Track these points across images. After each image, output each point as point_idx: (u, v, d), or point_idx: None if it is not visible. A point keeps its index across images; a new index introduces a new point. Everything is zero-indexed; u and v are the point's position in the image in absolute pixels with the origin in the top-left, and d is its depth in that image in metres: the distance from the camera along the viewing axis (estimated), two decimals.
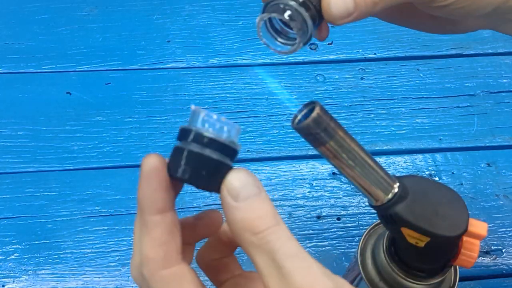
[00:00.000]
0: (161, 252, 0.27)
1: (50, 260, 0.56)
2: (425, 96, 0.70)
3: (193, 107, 0.28)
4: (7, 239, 0.57)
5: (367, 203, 0.36)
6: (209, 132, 0.27)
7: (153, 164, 0.28)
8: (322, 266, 0.26)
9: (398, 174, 0.35)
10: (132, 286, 0.55)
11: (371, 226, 0.43)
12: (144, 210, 0.27)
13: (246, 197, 0.26)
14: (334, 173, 0.63)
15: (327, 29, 0.37)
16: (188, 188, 0.33)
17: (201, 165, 0.27)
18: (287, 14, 0.31)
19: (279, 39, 0.34)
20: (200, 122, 0.27)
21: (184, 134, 0.28)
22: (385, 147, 0.65)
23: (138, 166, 0.29)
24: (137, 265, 0.28)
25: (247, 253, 0.26)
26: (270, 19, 0.33)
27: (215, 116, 0.28)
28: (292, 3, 0.31)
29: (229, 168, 0.27)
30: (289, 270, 0.25)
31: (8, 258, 0.56)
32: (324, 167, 0.63)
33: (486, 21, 0.39)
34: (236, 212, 0.26)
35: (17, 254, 0.56)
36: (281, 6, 0.31)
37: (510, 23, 0.38)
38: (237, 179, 0.26)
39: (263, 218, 0.26)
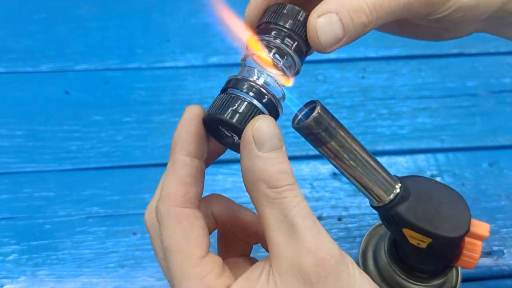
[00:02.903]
0: (182, 191, 0.27)
1: (49, 261, 0.56)
2: (426, 96, 0.69)
3: (243, 62, 0.29)
4: (5, 239, 0.57)
5: (368, 204, 0.35)
6: (257, 84, 0.28)
7: (195, 111, 0.29)
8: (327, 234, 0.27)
9: (399, 175, 0.35)
10: None
11: (372, 227, 0.43)
12: (176, 149, 0.28)
13: (271, 149, 0.26)
14: (335, 174, 0.62)
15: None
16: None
17: (246, 111, 0.27)
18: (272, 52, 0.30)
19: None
20: (252, 75, 0.28)
21: (230, 83, 0.29)
22: (386, 147, 0.65)
23: (137, 166, 0.29)
24: (154, 205, 0.28)
25: (256, 204, 0.26)
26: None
27: (270, 73, 0.28)
28: (276, 41, 0.30)
29: None
30: (300, 229, 0.25)
31: (6, 259, 0.56)
32: (325, 168, 0.63)
33: (484, 26, 0.38)
34: (258, 161, 0.26)
35: (15, 255, 0.56)
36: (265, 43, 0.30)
37: (508, 27, 0.37)
38: (266, 127, 0.26)
39: (283, 174, 0.26)
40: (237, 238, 0.34)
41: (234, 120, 0.27)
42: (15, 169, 0.62)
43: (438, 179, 0.62)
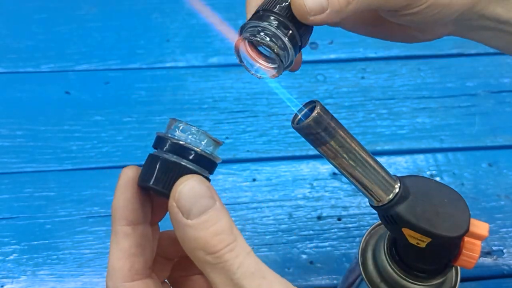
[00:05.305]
0: (128, 264, 0.26)
1: (49, 261, 0.56)
2: (426, 96, 0.70)
3: (171, 119, 0.27)
4: (5, 239, 0.57)
5: (368, 204, 0.35)
6: (185, 142, 0.26)
7: (131, 175, 0.27)
8: (285, 281, 0.25)
9: (399, 174, 0.35)
10: None
11: (372, 227, 0.43)
12: (115, 220, 0.27)
13: (200, 213, 0.24)
14: (334, 173, 0.63)
15: (299, 62, 0.36)
16: None
17: (175, 174, 0.25)
18: (267, 38, 0.30)
19: (261, 62, 0.32)
20: (177, 132, 0.26)
21: (159, 142, 0.27)
22: (386, 147, 0.65)
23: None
24: None
25: (202, 270, 0.25)
26: (250, 41, 0.31)
27: (193, 128, 0.26)
28: (271, 27, 0.30)
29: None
30: None
31: (6, 259, 0.56)
32: (325, 167, 0.63)
33: (453, 28, 0.39)
34: (189, 230, 0.24)
35: (16, 255, 0.56)
36: (259, 29, 0.30)
37: (477, 30, 0.39)
38: (188, 191, 0.24)
39: (219, 235, 0.24)
40: (185, 277, 0.33)
41: (160, 188, 0.25)
42: (16, 169, 0.62)
43: (437, 179, 0.62)
